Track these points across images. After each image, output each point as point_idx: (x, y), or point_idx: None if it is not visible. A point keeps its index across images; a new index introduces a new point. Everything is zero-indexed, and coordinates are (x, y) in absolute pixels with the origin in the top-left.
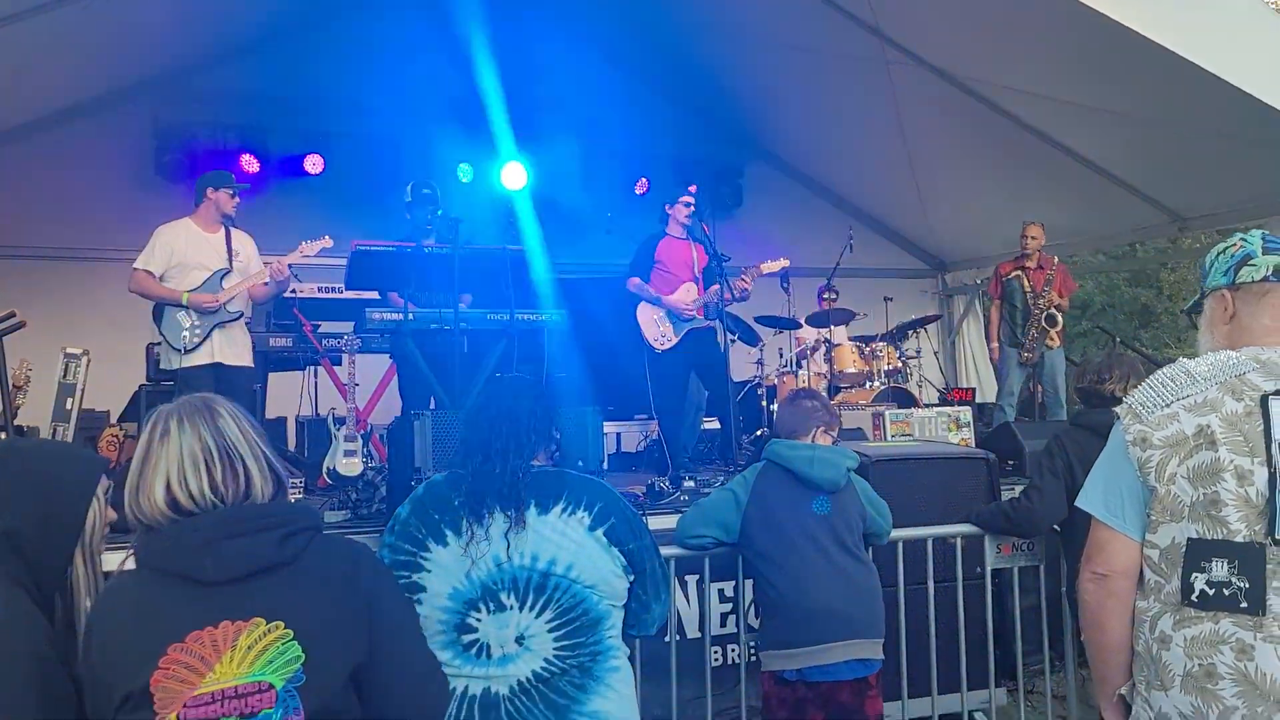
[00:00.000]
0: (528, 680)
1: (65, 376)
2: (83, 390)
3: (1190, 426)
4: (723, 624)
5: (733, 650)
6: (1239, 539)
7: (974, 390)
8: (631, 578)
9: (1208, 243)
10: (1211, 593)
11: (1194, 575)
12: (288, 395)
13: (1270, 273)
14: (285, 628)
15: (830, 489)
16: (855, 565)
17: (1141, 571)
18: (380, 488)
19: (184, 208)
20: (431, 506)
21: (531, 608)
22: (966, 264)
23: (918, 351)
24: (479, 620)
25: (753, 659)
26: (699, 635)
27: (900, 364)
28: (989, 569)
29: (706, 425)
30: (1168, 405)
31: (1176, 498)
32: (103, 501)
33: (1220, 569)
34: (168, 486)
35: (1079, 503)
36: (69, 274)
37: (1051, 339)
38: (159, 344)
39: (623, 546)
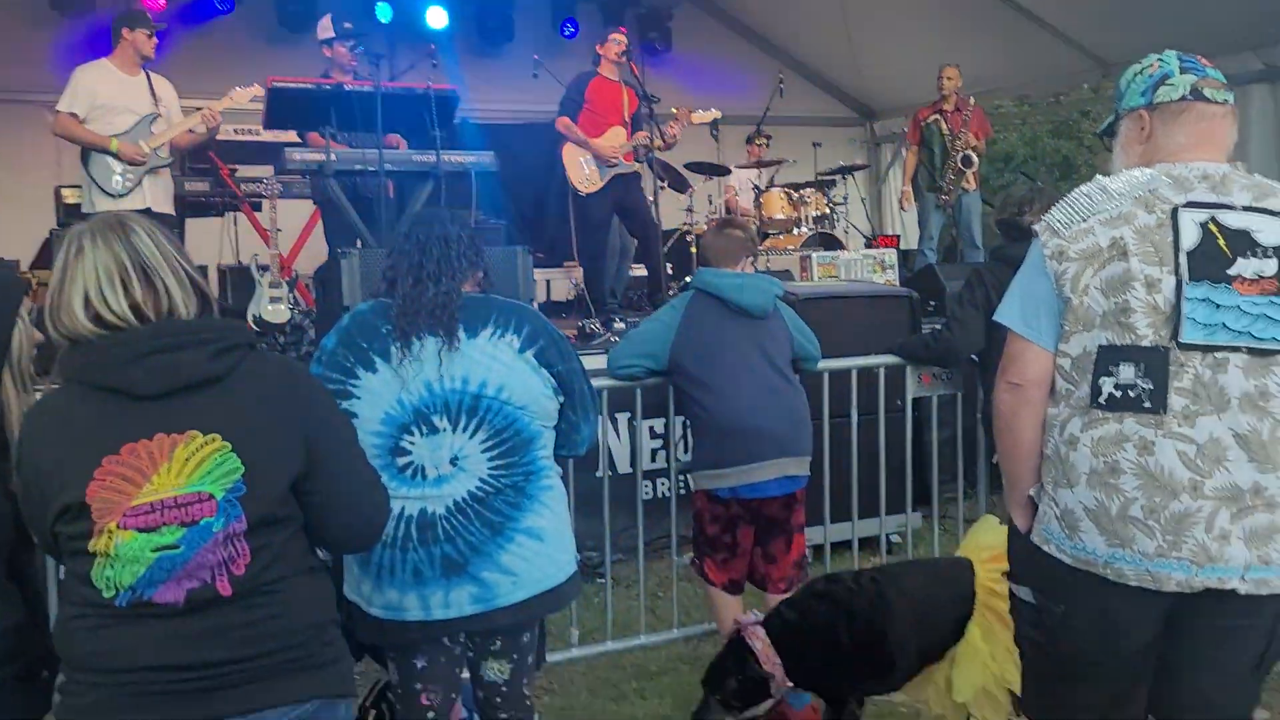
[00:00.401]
0: (464, 500)
1: None
2: None
3: (1105, 239)
4: (653, 459)
5: (663, 484)
6: (1145, 343)
7: (899, 238)
8: (561, 399)
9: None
10: (1119, 395)
11: (1102, 379)
12: (208, 242)
13: (1188, 91)
14: (222, 440)
15: (759, 314)
16: (785, 385)
17: (1053, 380)
18: (309, 330)
19: (82, 46)
20: (359, 335)
21: (464, 429)
22: (895, 112)
23: (845, 199)
24: (412, 443)
25: (682, 492)
26: (630, 470)
27: (828, 210)
28: (909, 398)
29: (634, 272)
30: (1084, 220)
31: (1089, 308)
32: (27, 321)
33: (1127, 372)
34: (86, 302)
35: (997, 317)
36: None
37: (967, 181)
38: (72, 187)
39: (552, 369)
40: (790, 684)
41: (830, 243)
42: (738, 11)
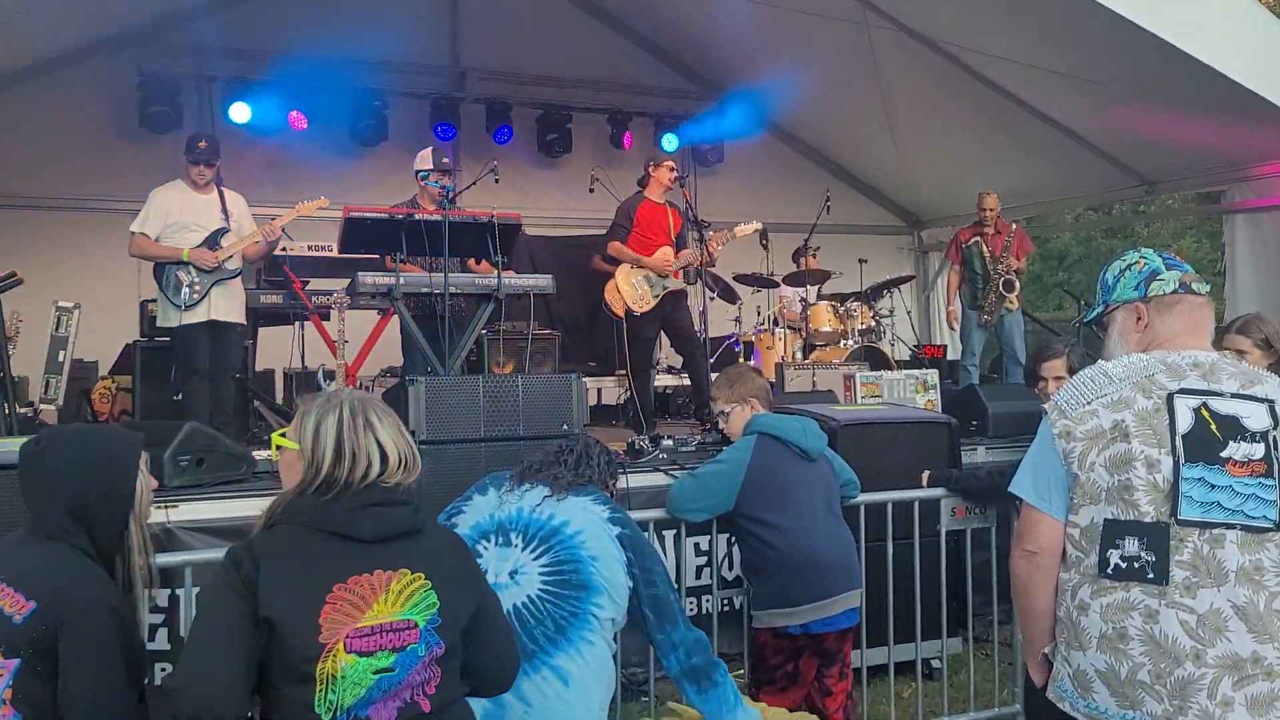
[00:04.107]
0: (509, 612)
1: (58, 330)
2: (74, 343)
3: (1108, 421)
4: (698, 576)
5: (706, 600)
6: (1148, 519)
7: (945, 348)
8: (631, 585)
9: (1175, 207)
10: (1124, 566)
11: (1110, 551)
12: (277, 347)
13: (1178, 285)
14: (425, 579)
15: (817, 456)
16: (839, 524)
17: (1064, 548)
18: None
19: (169, 160)
20: (488, 477)
21: (532, 551)
22: (942, 221)
23: (891, 311)
24: (486, 548)
25: (724, 609)
26: (675, 587)
27: (874, 323)
28: (944, 530)
29: (680, 381)
30: (1089, 403)
31: (1095, 483)
32: (145, 472)
33: (1132, 545)
34: (383, 460)
35: (1011, 488)
36: (55, 224)
37: (1010, 303)
38: (154, 301)
39: (627, 553)
40: None
41: (876, 356)
42: (788, 125)
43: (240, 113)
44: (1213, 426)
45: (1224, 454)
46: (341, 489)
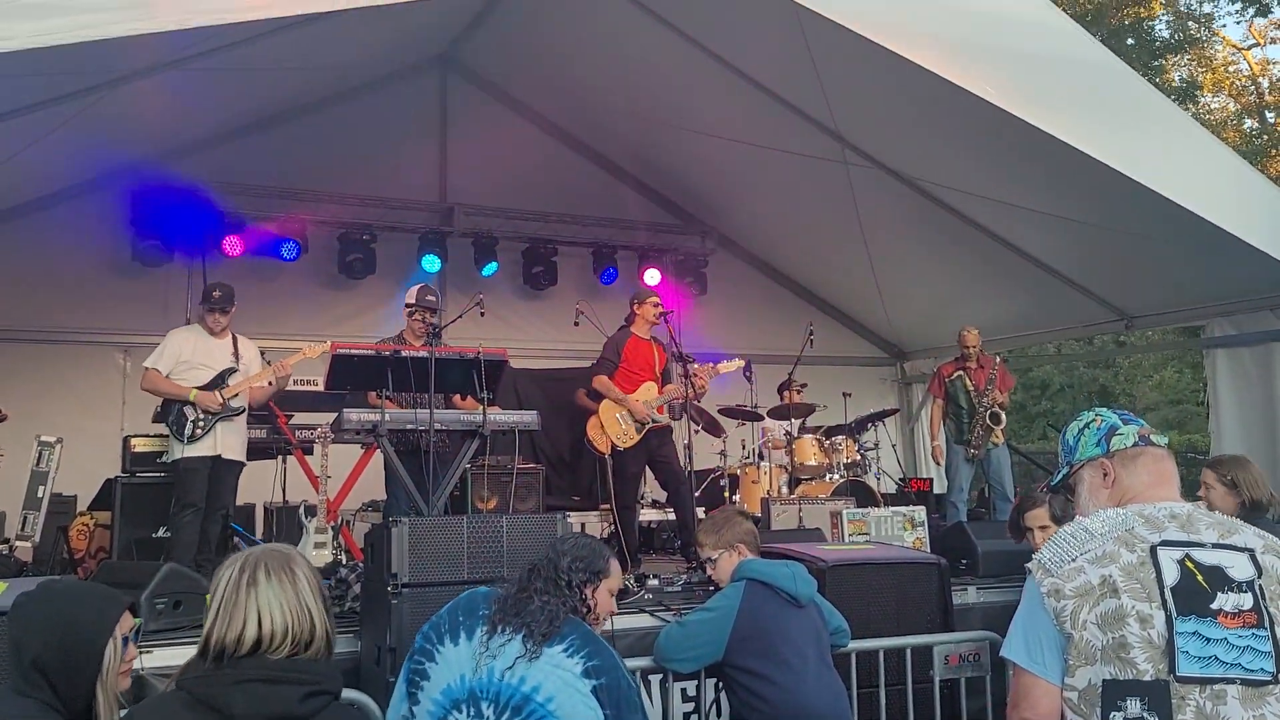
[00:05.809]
0: None
1: (39, 464)
2: (54, 478)
3: (1095, 577)
4: None
5: None
6: (1147, 678)
7: (931, 481)
8: None
9: (1157, 339)
10: None
11: (1112, 713)
12: (258, 482)
13: (1137, 438)
14: None
15: (807, 602)
16: (830, 673)
17: (1063, 712)
18: (354, 586)
19: (159, 293)
20: (462, 610)
21: None
22: (925, 353)
23: (876, 444)
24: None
25: None
26: None
27: (859, 456)
28: (937, 679)
29: (665, 516)
30: (1074, 560)
31: (1089, 643)
32: (119, 640)
33: (1134, 706)
34: (259, 625)
35: (1003, 653)
36: (42, 356)
37: (996, 436)
38: (141, 436)
39: (605, 710)
40: None
41: (861, 490)
42: (770, 258)
43: (232, 246)
44: (1199, 578)
45: (1214, 605)
46: (218, 657)
